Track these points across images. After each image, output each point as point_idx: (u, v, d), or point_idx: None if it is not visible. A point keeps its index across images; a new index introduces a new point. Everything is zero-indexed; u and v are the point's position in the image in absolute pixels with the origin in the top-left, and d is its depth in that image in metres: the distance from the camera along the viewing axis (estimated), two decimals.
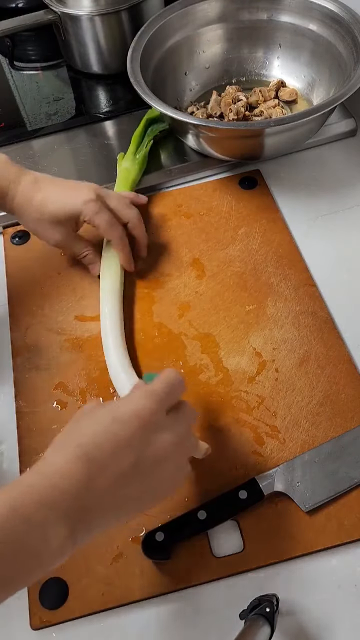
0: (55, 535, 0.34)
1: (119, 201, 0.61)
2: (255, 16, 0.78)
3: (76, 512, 0.35)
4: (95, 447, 0.36)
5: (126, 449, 0.36)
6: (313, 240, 0.66)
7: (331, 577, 0.46)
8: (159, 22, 0.74)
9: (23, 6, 0.93)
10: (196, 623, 0.45)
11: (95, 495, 0.35)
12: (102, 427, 0.37)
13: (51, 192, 0.58)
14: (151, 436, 0.38)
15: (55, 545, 0.34)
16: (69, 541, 0.34)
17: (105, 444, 0.36)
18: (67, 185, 0.60)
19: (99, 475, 0.35)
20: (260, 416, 0.53)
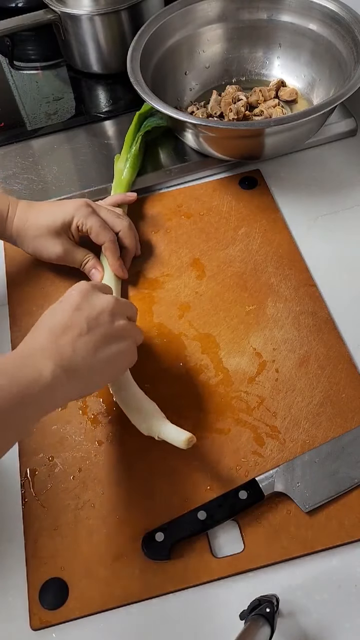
0: (45, 366, 0.42)
1: (109, 212, 0.62)
2: (256, 16, 0.78)
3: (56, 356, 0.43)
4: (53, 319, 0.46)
5: (77, 312, 0.46)
6: (313, 240, 0.66)
7: (331, 578, 0.46)
8: (159, 21, 0.74)
9: (23, 6, 0.93)
10: (196, 623, 0.45)
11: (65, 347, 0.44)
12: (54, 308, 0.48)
13: (43, 208, 0.62)
14: (93, 300, 0.48)
15: (47, 373, 0.42)
16: (54, 378, 0.42)
17: (60, 315, 0.46)
18: (59, 202, 0.63)
19: (62, 335, 0.45)
20: (261, 416, 0.53)
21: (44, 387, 0.41)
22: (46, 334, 0.45)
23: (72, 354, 0.44)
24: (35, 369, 0.42)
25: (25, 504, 0.50)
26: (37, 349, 0.44)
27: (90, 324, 0.46)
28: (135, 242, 0.64)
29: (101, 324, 0.47)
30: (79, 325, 0.46)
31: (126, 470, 0.51)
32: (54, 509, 0.50)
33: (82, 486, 0.51)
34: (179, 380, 0.56)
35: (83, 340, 0.45)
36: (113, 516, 0.49)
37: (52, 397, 0.42)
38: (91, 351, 0.45)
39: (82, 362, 0.44)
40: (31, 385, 0.41)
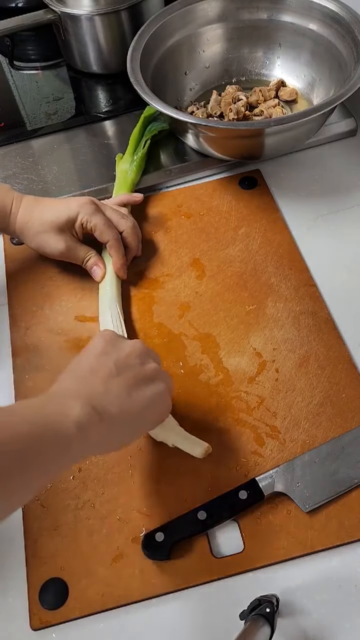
0: (75, 406, 0.39)
1: (113, 212, 0.62)
2: (256, 16, 0.78)
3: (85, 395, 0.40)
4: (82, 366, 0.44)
5: (104, 356, 0.44)
6: (313, 240, 0.66)
7: (331, 578, 0.46)
8: (159, 21, 0.74)
9: (23, 6, 0.93)
10: (196, 623, 0.45)
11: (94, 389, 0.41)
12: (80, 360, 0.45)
13: (49, 204, 0.61)
14: (119, 344, 0.46)
15: (75, 416, 0.38)
16: (85, 415, 0.39)
17: (87, 360, 0.44)
18: (64, 199, 0.63)
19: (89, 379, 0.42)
20: (261, 416, 0.53)
21: (72, 425, 0.38)
22: (74, 379, 0.43)
23: (104, 394, 0.41)
24: (64, 405, 0.39)
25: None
26: (63, 390, 0.41)
27: (119, 366, 0.43)
28: (137, 242, 0.64)
29: (131, 366, 0.44)
30: (108, 368, 0.43)
31: (126, 470, 0.51)
32: (54, 509, 0.50)
33: (82, 486, 0.51)
34: (179, 380, 0.56)
35: (115, 381, 0.42)
36: (113, 516, 0.49)
37: (81, 441, 0.38)
38: (125, 392, 0.42)
39: (117, 403, 0.41)
40: (58, 420, 0.38)
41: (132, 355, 0.45)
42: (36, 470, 0.36)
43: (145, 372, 0.45)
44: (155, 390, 0.45)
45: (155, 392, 0.45)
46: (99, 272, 0.62)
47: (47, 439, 0.37)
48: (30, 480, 0.36)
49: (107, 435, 0.41)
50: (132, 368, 0.44)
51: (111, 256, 0.62)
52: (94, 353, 0.44)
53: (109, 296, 0.60)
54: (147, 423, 0.46)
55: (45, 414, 0.38)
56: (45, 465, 0.37)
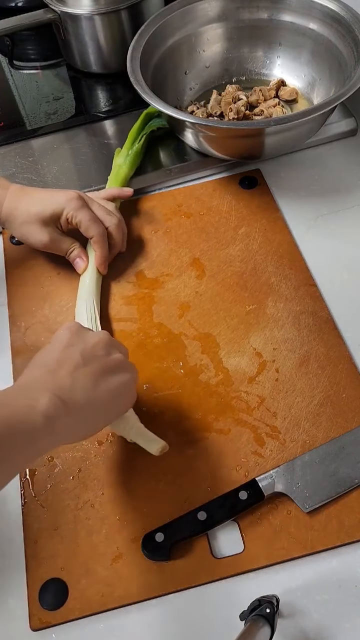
0: (42, 398, 0.39)
1: (100, 207, 0.62)
2: (256, 15, 0.78)
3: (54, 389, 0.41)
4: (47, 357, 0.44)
5: (70, 347, 0.45)
6: (313, 240, 0.66)
7: (332, 578, 0.46)
8: (159, 21, 0.74)
9: (23, 5, 0.92)
10: (196, 624, 0.45)
11: (62, 383, 0.42)
12: (46, 348, 0.46)
13: (36, 195, 0.61)
14: (85, 335, 0.46)
15: (44, 402, 0.39)
16: (52, 406, 0.39)
17: (52, 352, 0.44)
18: (51, 190, 0.63)
19: (57, 370, 0.43)
20: (261, 416, 0.53)
21: (39, 418, 0.38)
22: (40, 370, 0.43)
23: (71, 385, 0.42)
24: (30, 398, 0.39)
25: (25, 504, 0.50)
26: (31, 382, 0.42)
27: (85, 357, 0.44)
28: (122, 238, 0.64)
29: (97, 357, 0.45)
30: (74, 359, 0.44)
31: (126, 471, 0.51)
32: (54, 509, 0.50)
33: (82, 486, 0.51)
34: (178, 380, 0.56)
35: (81, 372, 0.43)
36: (113, 516, 0.49)
37: (49, 433, 0.39)
38: (91, 383, 0.43)
39: (83, 393, 0.42)
40: (26, 414, 0.38)
41: (98, 346, 0.46)
42: (4, 461, 0.37)
43: (111, 362, 0.45)
44: (120, 380, 0.45)
45: (121, 383, 0.45)
46: (81, 265, 0.62)
47: (14, 431, 0.37)
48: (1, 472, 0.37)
49: (74, 425, 0.42)
50: (98, 359, 0.45)
51: (95, 251, 0.62)
52: (59, 344, 0.45)
53: (87, 289, 0.61)
54: (112, 413, 0.47)
55: (12, 406, 0.39)
56: (13, 456, 0.38)
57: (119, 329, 0.60)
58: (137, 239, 0.68)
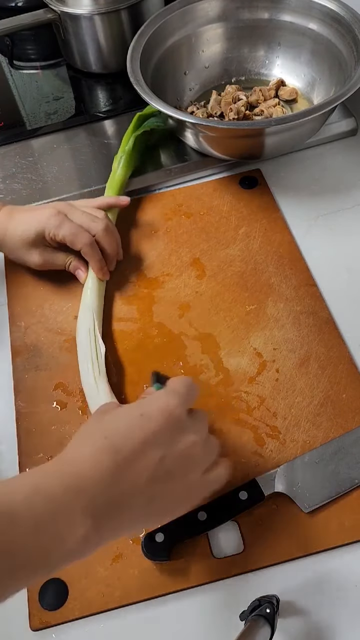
0: (82, 523, 0.33)
1: (83, 215, 0.60)
2: (255, 15, 0.78)
3: (103, 504, 0.34)
4: (124, 440, 0.35)
5: (154, 444, 0.36)
6: (314, 240, 0.66)
7: (332, 578, 0.46)
8: (159, 21, 0.74)
9: (23, 5, 0.92)
10: (196, 624, 0.45)
11: (122, 489, 0.34)
12: (129, 421, 0.37)
13: (19, 219, 0.61)
14: (177, 434, 0.37)
15: (80, 533, 0.33)
16: (94, 533, 0.33)
17: (133, 437, 0.36)
18: (34, 209, 0.62)
19: (127, 468, 0.35)
20: (261, 417, 0.53)
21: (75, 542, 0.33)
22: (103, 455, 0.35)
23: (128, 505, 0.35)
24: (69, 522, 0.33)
25: None
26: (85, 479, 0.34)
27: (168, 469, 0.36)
28: (114, 245, 0.62)
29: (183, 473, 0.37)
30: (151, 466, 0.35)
31: None
32: None
33: None
34: None
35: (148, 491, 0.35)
36: None
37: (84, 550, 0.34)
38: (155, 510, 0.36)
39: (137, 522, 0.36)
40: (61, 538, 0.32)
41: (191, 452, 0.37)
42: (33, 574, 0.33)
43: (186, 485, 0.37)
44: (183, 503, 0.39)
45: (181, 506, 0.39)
46: (82, 275, 0.62)
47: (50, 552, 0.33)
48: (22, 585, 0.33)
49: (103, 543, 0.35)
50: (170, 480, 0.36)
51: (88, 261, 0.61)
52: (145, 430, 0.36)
53: (88, 302, 0.60)
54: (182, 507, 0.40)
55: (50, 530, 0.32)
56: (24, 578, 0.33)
57: (119, 328, 0.60)
58: (137, 239, 0.67)
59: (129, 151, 0.70)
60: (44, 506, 0.32)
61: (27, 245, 0.60)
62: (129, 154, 0.70)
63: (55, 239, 0.59)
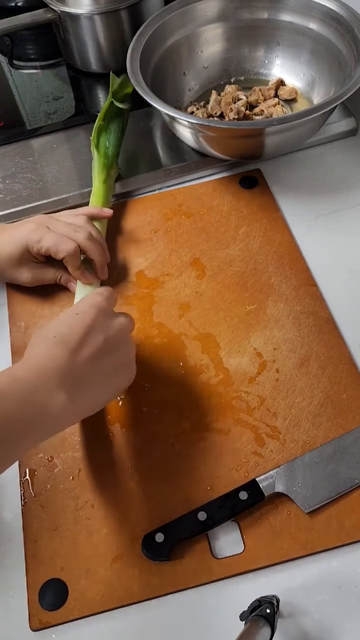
0: (58, 394, 0.41)
1: (65, 225, 0.60)
2: (255, 15, 0.78)
3: (70, 380, 0.43)
4: (69, 334, 0.44)
5: (94, 330, 0.45)
6: (314, 240, 0.66)
7: (332, 578, 0.46)
8: (158, 21, 0.74)
9: (23, 5, 0.92)
10: (196, 624, 0.45)
11: (79, 368, 0.43)
12: (69, 320, 0.46)
13: (3, 238, 0.60)
14: (109, 320, 0.47)
15: (59, 402, 0.41)
16: (70, 402, 0.42)
17: (76, 330, 0.45)
18: (15, 227, 0.61)
19: (78, 352, 0.44)
20: (261, 417, 0.53)
21: (50, 418, 0.41)
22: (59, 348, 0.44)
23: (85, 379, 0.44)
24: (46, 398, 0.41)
25: (25, 504, 0.50)
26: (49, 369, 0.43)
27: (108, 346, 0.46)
28: (99, 251, 0.60)
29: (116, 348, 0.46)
30: (96, 346, 0.45)
31: (126, 471, 0.51)
32: (54, 509, 0.50)
33: (82, 486, 0.51)
34: (179, 380, 0.56)
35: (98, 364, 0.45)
36: (113, 517, 0.49)
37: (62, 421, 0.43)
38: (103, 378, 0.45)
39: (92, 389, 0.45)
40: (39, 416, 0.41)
41: (119, 335, 0.47)
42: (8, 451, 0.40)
43: (125, 356, 0.48)
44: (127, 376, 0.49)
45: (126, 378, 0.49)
46: (74, 287, 0.61)
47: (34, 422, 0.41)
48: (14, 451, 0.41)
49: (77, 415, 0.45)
50: (117, 349, 0.46)
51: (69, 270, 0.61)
52: (84, 322, 0.45)
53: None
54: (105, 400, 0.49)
55: (32, 402, 0.41)
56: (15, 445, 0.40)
57: None
58: (137, 239, 0.67)
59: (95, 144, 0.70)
60: (24, 386, 0.41)
61: (15, 264, 0.60)
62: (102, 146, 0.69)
63: (40, 252, 0.59)
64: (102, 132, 0.71)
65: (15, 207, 0.70)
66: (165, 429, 0.53)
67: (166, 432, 0.53)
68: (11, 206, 0.71)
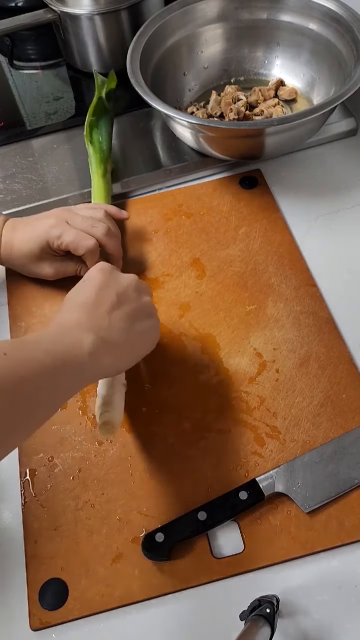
0: (86, 336, 0.43)
1: (84, 221, 0.60)
2: (255, 15, 0.78)
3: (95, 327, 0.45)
4: (83, 296, 0.47)
5: (105, 289, 0.48)
6: (313, 240, 0.66)
7: (332, 578, 0.46)
8: (158, 21, 0.74)
9: (23, 5, 0.92)
10: (196, 624, 0.45)
11: (100, 318, 0.46)
12: (79, 287, 0.49)
13: (22, 233, 0.61)
14: (117, 278, 0.49)
15: (89, 341, 0.43)
16: (99, 347, 0.43)
17: (89, 292, 0.47)
18: (35, 221, 0.61)
19: (96, 307, 0.46)
20: (261, 417, 0.53)
21: (85, 355, 0.42)
22: (79, 310, 0.46)
23: (109, 325, 0.46)
24: (76, 338, 0.43)
25: (25, 504, 0.50)
26: (73, 322, 0.45)
27: (120, 298, 0.48)
28: (117, 246, 0.61)
29: (130, 299, 0.48)
30: (110, 300, 0.47)
31: (126, 471, 0.51)
32: (54, 509, 0.50)
33: (82, 486, 0.51)
34: (179, 380, 0.56)
35: (117, 313, 0.47)
36: (113, 516, 0.49)
37: (93, 368, 0.43)
38: (126, 323, 0.47)
39: (119, 333, 0.46)
40: (73, 352, 0.42)
41: (130, 287, 0.49)
42: (56, 392, 0.41)
43: (143, 304, 0.49)
44: (150, 323, 0.50)
45: (150, 325, 0.50)
46: None
47: (65, 366, 0.41)
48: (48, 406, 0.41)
49: (113, 360, 0.45)
50: (131, 301, 0.48)
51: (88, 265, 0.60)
52: (94, 285, 0.48)
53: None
54: (141, 351, 0.50)
55: (61, 347, 0.42)
56: (64, 387, 0.42)
57: None
58: (137, 239, 0.68)
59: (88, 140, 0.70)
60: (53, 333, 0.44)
61: (36, 260, 0.61)
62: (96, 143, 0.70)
63: (60, 247, 0.59)
64: (94, 127, 0.71)
65: (15, 207, 0.70)
66: (165, 429, 0.53)
67: (166, 432, 0.53)
68: (11, 206, 0.71)
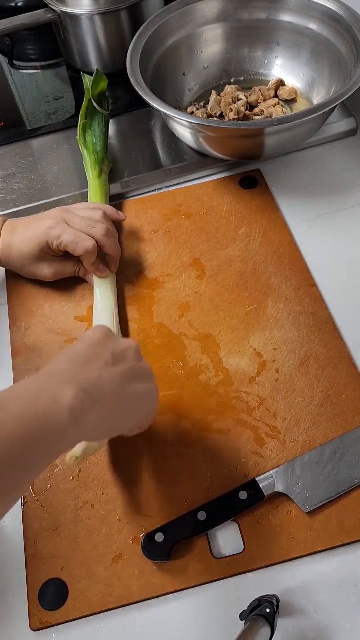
0: (64, 396, 0.36)
1: (83, 221, 0.60)
2: (255, 15, 0.78)
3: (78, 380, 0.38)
4: (75, 351, 0.42)
5: (100, 346, 0.42)
6: (313, 240, 0.66)
7: (332, 578, 0.46)
8: (158, 22, 0.74)
9: (23, 5, 0.92)
10: (196, 624, 0.45)
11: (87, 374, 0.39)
12: (73, 348, 0.43)
13: (22, 234, 0.60)
14: (113, 341, 0.44)
15: (67, 402, 0.36)
16: (77, 399, 0.37)
17: (81, 347, 0.42)
18: (34, 221, 0.61)
19: (86, 362, 0.40)
20: (261, 417, 0.53)
21: (65, 413, 0.36)
22: (67, 363, 0.40)
23: (97, 380, 0.39)
24: (54, 392, 0.37)
25: (25, 504, 0.50)
26: (55, 373, 0.39)
27: (116, 357, 0.42)
28: (116, 247, 0.62)
29: (127, 360, 0.43)
30: (104, 357, 0.41)
31: (126, 471, 0.51)
32: (54, 509, 0.50)
33: (82, 487, 0.51)
34: (179, 380, 0.56)
35: (109, 370, 0.41)
36: (113, 516, 0.49)
37: (76, 429, 0.37)
38: (118, 382, 0.41)
39: (110, 390, 0.40)
40: (50, 411, 0.36)
41: (129, 350, 0.44)
42: (32, 465, 0.35)
43: (141, 367, 0.44)
44: (147, 387, 0.44)
45: (147, 390, 0.44)
46: (92, 280, 0.62)
47: (41, 433, 0.35)
48: (25, 477, 0.35)
49: (100, 421, 0.39)
50: (128, 362, 0.43)
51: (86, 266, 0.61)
52: (90, 342, 0.42)
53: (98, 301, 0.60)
54: (137, 416, 0.45)
55: (37, 406, 0.36)
56: (40, 457, 0.36)
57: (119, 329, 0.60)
58: (137, 240, 0.68)
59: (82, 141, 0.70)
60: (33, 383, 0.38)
61: (35, 260, 0.61)
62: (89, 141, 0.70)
63: (60, 248, 0.59)
64: (87, 130, 0.71)
65: (15, 207, 0.71)
66: (165, 429, 0.53)
67: (166, 432, 0.53)
68: (11, 206, 0.71)
